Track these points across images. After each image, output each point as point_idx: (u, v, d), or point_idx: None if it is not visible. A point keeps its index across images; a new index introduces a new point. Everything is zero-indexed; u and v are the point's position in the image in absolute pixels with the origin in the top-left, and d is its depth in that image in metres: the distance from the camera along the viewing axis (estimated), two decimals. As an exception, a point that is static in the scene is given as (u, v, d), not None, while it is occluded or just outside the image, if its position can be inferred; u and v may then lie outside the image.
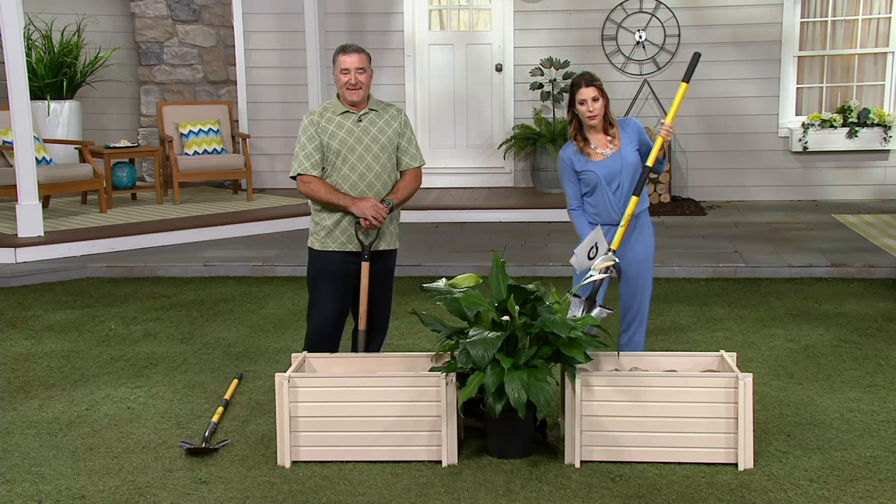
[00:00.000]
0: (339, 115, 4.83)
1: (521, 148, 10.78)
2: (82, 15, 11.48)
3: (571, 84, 4.92)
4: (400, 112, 4.95)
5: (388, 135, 4.86)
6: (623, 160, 4.88)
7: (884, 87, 10.80)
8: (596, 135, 4.92)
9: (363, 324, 4.88)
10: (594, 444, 4.28)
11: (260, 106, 11.28)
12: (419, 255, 8.26)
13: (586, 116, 4.84)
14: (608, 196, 4.88)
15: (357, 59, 4.77)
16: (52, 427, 4.81)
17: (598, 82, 4.86)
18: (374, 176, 4.83)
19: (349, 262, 4.88)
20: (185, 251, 8.59)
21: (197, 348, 6.10)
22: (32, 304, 7.21)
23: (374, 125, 4.85)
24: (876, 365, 5.58)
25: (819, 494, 3.97)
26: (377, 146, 4.83)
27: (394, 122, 4.90)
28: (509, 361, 4.17)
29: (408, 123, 4.96)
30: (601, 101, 4.83)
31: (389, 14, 11.14)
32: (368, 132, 4.82)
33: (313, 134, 4.81)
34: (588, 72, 4.96)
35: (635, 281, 4.99)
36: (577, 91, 4.84)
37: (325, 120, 4.82)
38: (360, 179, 4.81)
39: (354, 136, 4.80)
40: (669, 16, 10.76)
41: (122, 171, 10.38)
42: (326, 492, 4.07)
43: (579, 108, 4.85)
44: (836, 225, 9.43)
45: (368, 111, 4.86)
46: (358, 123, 4.82)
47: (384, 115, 4.89)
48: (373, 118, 4.86)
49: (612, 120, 4.92)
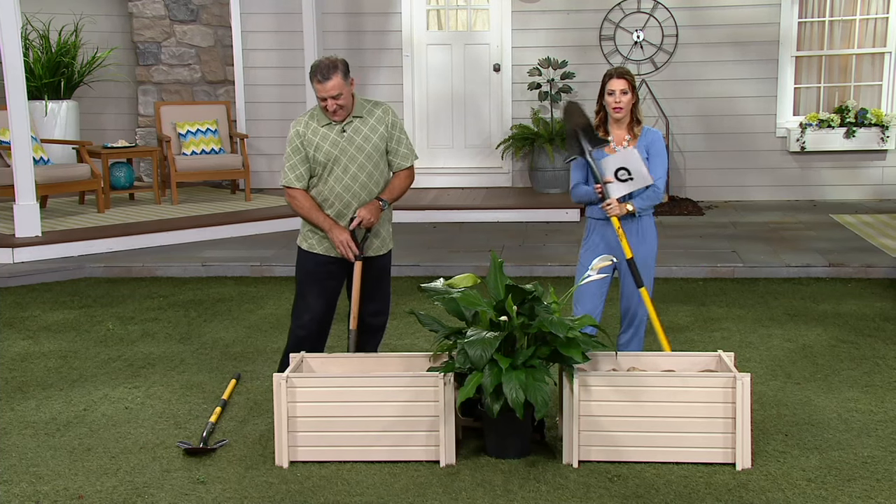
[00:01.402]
0: (324, 126, 4.77)
1: (519, 148, 10.78)
2: (80, 15, 11.47)
3: (604, 75, 4.94)
4: (387, 113, 4.86)
5: (373, 142, 4.80)
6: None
7: (881, 87, 10.80)
8: (618, 130, 4.93)
9: (354, 323, 4.88)
10: (592, 444, 4.28)
11: (258, 106, 11.27)
12: (417, 255, 8.26)
13: (612, 108, 4.85)
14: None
15: (332, 86, 4.62)
16: (50, 427, 4.81)
17: (630, 77, 4.88)
18: (359, 186, 4.80)
19: (336, 265, 4.87)
20: (183, 251, 8.59)
21: (195, 348, 6.10)
22: (30, 304, 7.21)
23: (359, 133, 4.78)
24: (874, 365, 5.58)
25: (817, 494, 3.97)
26: (362, 155, 4.78)
27: (380, 127, 4.82)
28: (507, 361, 4.17)
29: (396, 124, 4.87)
30: (629, 96, 4.85)
31: (387, 14, 11.14)
32: (353, 142, 4.77)
33: (298, 146, 4.77)
34: (623, 66, 5.00)
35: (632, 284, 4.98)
36: (608, 81, 4.87)
37: (310, 132, 4.76)
38: (346, 190, 4.80)
39: (339, 147, 4.75)
40: (667, 16, 10.77)
41: (120, 171, 10.38)
42: (324, 492, 4.06)
43: (607, 99, 4.87)
44: (833, 225, 9.44)
45: (352, 119, 4.78)
46: (342, 134, 4.76)
47: (369, 119, 4.81)
48: (357, 126, 4.78)
49: (640, 118, 4.94)
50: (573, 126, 4.91)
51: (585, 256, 5.01)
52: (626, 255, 4.87)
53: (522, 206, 10.19)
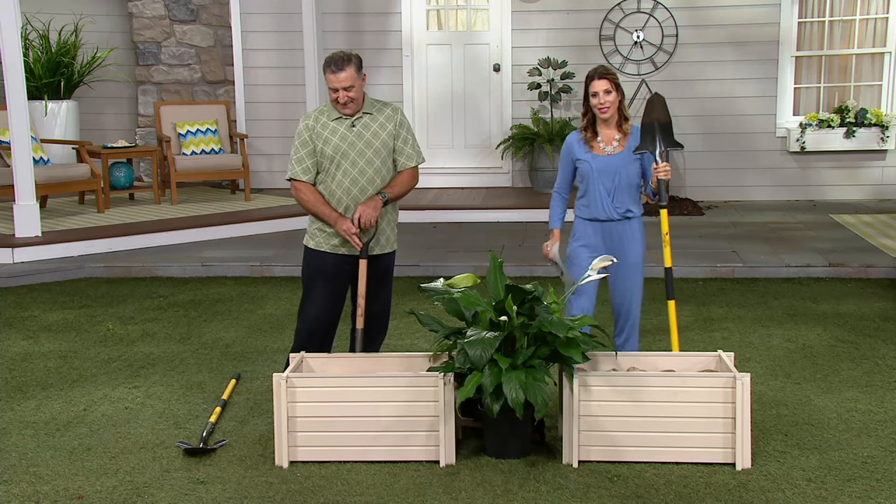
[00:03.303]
0: (334, 120, 4.82)
1: (519, 148, 10.79)
2: (80, 15, 11.46)
3: (586, 76, 4.93)
4: (396, 112, 4.92)
5: (381, 139, 4.84)
6: (622, 162, 4.88)
7: (881, 88, 10.80)
8: (607, 129, 4.93)
9: (361, 322, 4.87)
10: (592, 444, 4.28)
11: (258, 106, 11.27)
12: (417, 255, 8.26)
13: (598, 109, 4.84)
14: (600, 191, 4.91)
15: (345, 77, 4.70)
16: (50, 427, 4.81)
17: (613, 76, 4.86)
18: (366, 181, 4.82)
19: (343, 263, 4.88)
20: (183, 251, 8.59)
21: (195, 348, 6.10)
22: (30, 304, 7.21)
23: (368, 129, 4.83)
24: (873, 365, 5.58)
25: (816, 494, 3.97)
26: (371, 151, 4.81)
27: (389, 125, 4.87)
28: (507, 361, 4.17)
29: (403, 123, 4.92)
30: (614, 95, 4.83)
31: (387, 14, 11.14)
32: (362, 137, 4.81)
33: (307, 139, 4.81)
34: (604, 65, 4.98)
35: (626, 285, 4.98)
36: (590, 83, 4.85)
37: (320, 125, 4.82)
38: (353, 184, 4.81)
39: (348, 141, 4.79)
40: (667, 16, 10.77)
41: (120, 171, 10.38)
42: (324, 492, 4.06)
43: (592, 101, 4.86)
44: (833, 225, 9.44)
45: (362, 115, 4.83)
46: (351, 129, 4.80)
47: (379, 117, 4.86)
48: (367, 122, 4.83)
49: (627, 114, 4.93)
50: (653, 120, 4.87)
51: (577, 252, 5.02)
52: (667, 263, 4.92)
53: (522, 206, 10.19)
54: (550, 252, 5.13)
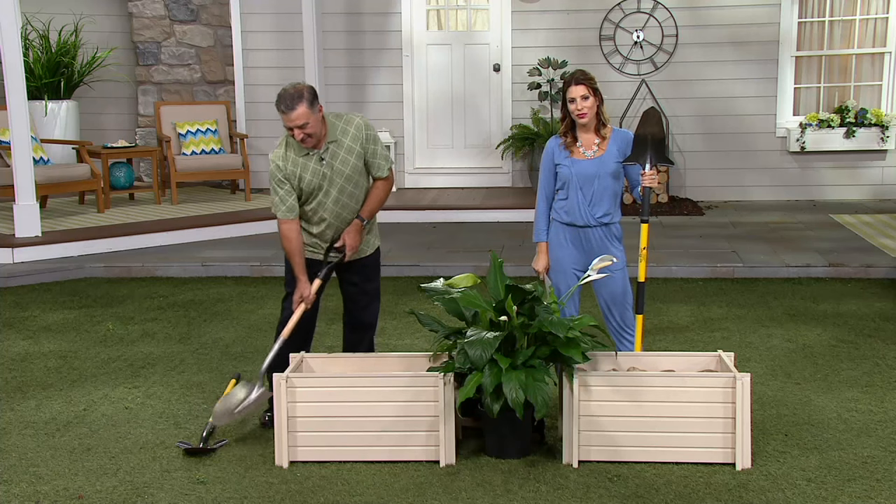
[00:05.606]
0: (302, 157, 4.68)
1: (519, 148, 10.79)
2: (80, 15, 11.46)
3: (564, 82, 4.91)
4: (360, 130, 4.75)
5: (351, 164, 4.74)
6: (602, 166, 4.85)
7: (881, 88, 10.80)
8: (586, 134, 4.90)
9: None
10: (592, 444, 4.28)
11: (258, 106, 11.26)
12: (417, 255, 8.25)
13: (575, 115, 4.82)
14: (578, 197, 4.89)
15: (297, 116, 4.49)
16: (50, 427, 4.81)
17: (590, 81, 4.81)
18: (340, 207, 4.78)
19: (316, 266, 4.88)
20: (183, 251, 8.59)
21: (195, 348, 6.10)
22: (30, 304, 7.21)
23: (336, 158, 4.71)
24: (873, 365, 5.58)
25: (816, 494, 3.97)
26: (342, 179, 4.73)
27: (356, 146, 4.74)
28: (507, 361, 4.17)
29: (369, 136, 4.77)
30: (591, 100, 4.79)
31: (387, 14, 11.13)
32: (332, 167, 4.71)
33: (282, 179, 4.70)
34: (582, 70, 4.93)
35: (610, 292, 4.93)
36: (568, 89, 4.82)
37: (290, 164, 4.68)
38: (329, 214, 4.79)
39: (319, 175, 4.70)
40: (667, 16, 10.76)
41: (120, 171, 10.38)
42: (324, 492, 4.07)
43: (570, 107, 4.83)
44: (833, 225, 9.44)
45: (328, 146, 4.69)
46: (321, 162, 4.69)
47: (345, 141, 4.72)
48: (334, 151, 4.70)
49: (605, 119, 4.90)
50: (647, 133, 4.84)
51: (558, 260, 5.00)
52: (640, 278, 4.92)
53: (522, 205, 10.18)
54: (543, 273, 5.11)
